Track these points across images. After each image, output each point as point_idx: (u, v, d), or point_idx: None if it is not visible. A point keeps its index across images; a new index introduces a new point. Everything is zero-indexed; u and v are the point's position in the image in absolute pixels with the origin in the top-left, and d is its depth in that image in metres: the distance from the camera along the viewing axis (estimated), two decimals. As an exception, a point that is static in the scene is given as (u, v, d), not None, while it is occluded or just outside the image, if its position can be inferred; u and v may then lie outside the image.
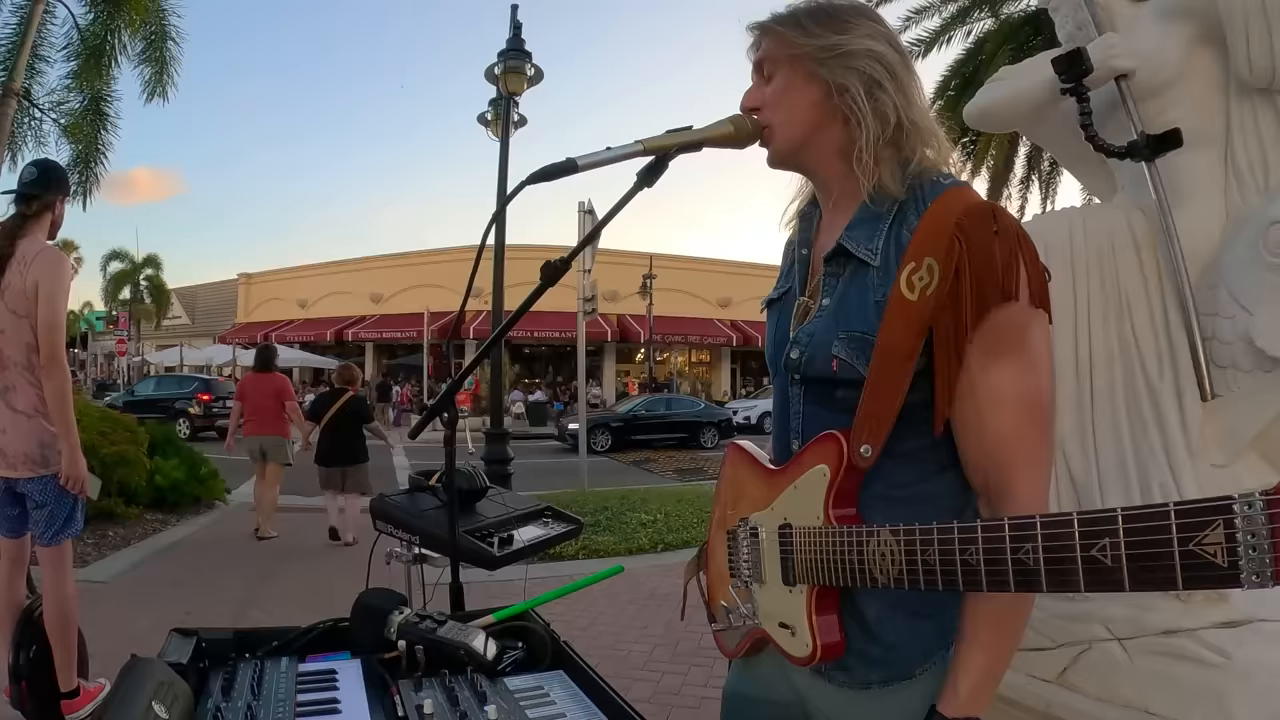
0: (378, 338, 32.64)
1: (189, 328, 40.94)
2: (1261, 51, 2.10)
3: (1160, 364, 2.19)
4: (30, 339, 2.86)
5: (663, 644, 4.54)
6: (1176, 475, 2.10)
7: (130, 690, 1.05)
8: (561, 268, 1.27)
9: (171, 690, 1.12)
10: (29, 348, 2.86)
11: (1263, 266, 2.02)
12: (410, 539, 2.34)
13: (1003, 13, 13.03)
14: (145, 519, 7.50)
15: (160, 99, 11.78)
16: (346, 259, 35.81)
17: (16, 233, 2.93)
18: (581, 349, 12.06)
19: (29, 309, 2.84)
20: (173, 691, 1.12)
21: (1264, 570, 0.65)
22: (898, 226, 1.09)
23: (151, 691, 1.06)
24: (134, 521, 7.31)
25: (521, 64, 8.32)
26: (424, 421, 1.84)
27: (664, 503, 9.02)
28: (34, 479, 2.88)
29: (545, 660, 1.65)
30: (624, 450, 18.96)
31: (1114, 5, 2.42)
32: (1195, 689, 1.91)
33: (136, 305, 38.82)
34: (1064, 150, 2.77)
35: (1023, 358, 1.02)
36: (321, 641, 1.56)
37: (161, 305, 40.84)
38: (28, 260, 2.87)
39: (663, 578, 5.93)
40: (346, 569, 5.98)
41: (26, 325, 2.85)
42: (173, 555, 6.69)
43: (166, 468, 8.02)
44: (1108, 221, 2.31)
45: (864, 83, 1.11)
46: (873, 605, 1.09)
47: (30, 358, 2.87)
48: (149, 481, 7.62)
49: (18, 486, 2.90)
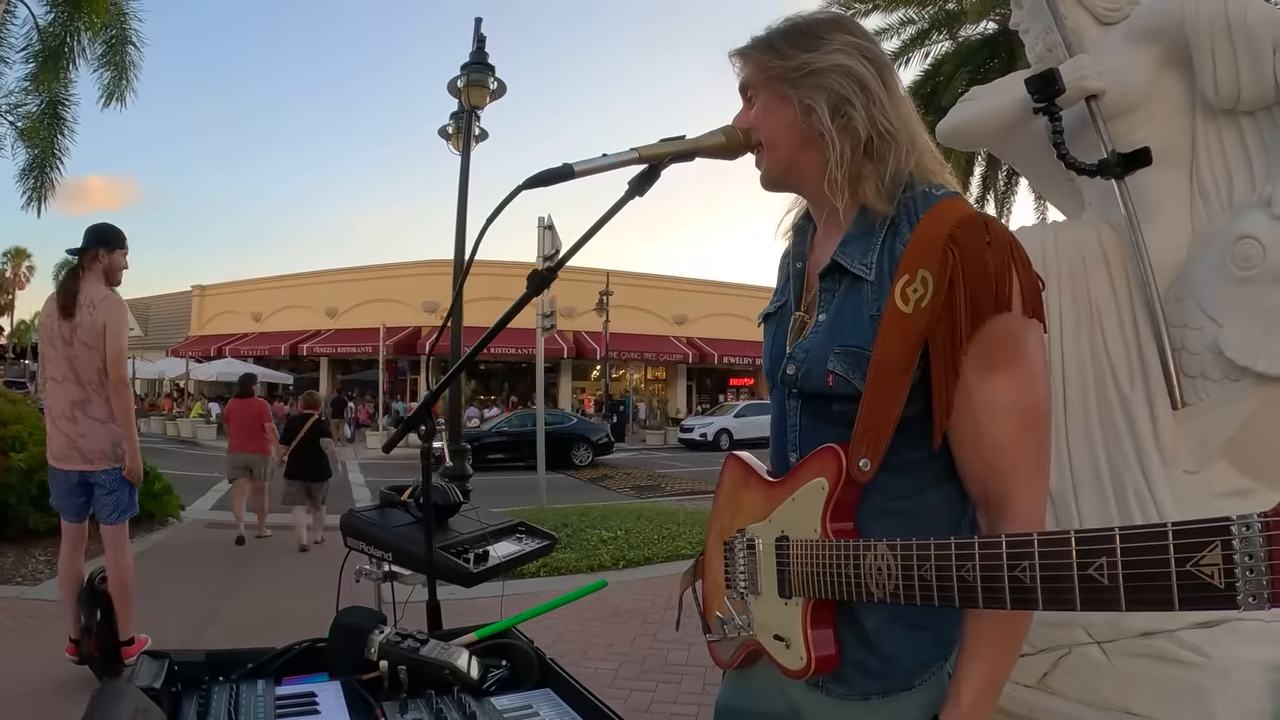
0: (333, 353, 32.04)
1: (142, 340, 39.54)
2: (1227, 74, 2.19)
3: (1131, 374, 2.25)
4: (100, 364, 3.72)
5: (629, 661, 4.49)
6: (1150, 481, 2.15)
7: (104, 717, 0.99)
8: (548, 276, 1.25)
9: (147, 717, 1.06)
10: (99, 371, 3.73)
11: (1230, 280, 2.09)
12: (383, 555, 2.27)
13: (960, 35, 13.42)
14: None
15: (119, 103, 11.51)
16: (302, 272, 35.17)
17: (77, 276, 3.81)
18: (540, 365, 11.99)
19: (98, 342, 3.71)
20: (148, 719, 1.06)
21: (1260, 592, 0.65)
22: (891, 240, 1.08)
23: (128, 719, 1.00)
24: (86, 538, 7.06)
25: (484, 77, 8.28)
26: (400, 434, 1.78)
27: (624, 519, 8.96)
28: (106, 470, 3.77)
29: (532, 678, 1.61)
30: (484, 471, 16.20)
31: (1084, 28, 2.50)
32: (1176, 689, 1.96)
33: (90, 316, 37.58)
34: (1032, 168, 2.84)
35: (1019, 368, 1.02)
36: (298, 663, 1.51)
37: (115, 316, 39.60)
38: (96, 304, 3.73)
39: (626, 594, 5.89)
40: (305, 587, 5.88)
41: (97, 354, 3.71)
42: None
43: None
44: (1078, 237, 2.37)
45: (830, 101, 1.11)
46: (872, 616, 1.08)
47: (100, 378, 3.73)
48: (102, 496, 7.33)
49: (91, 478, 3.77)
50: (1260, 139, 2.22)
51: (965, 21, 13.18)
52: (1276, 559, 0.64)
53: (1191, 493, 2.14)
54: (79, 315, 3.69)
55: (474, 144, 8.73)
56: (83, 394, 3.73)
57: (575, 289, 27.73)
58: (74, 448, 3.74)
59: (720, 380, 37.11)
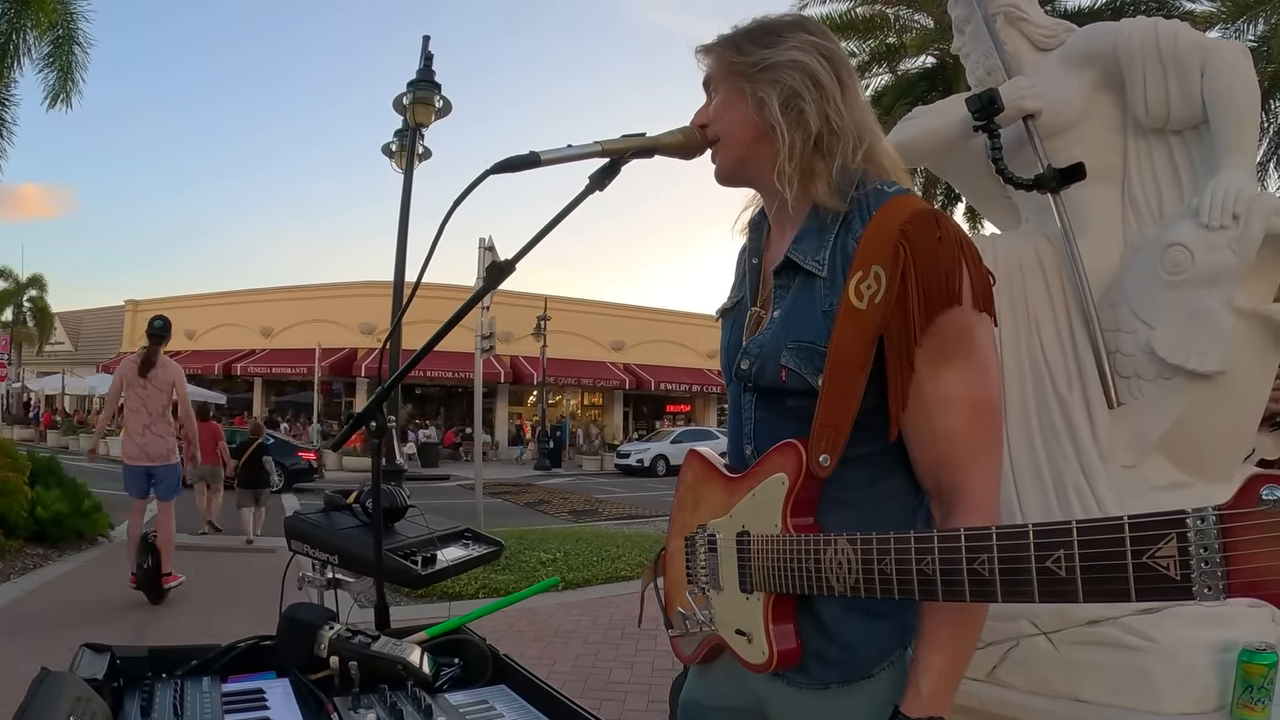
0: (267, 373, 31.01)
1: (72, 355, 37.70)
2: (1157, 96, 2.32)
3: (1068, 376, 2.34)
4: (165, 402, 6.12)
5: (572, 680, 4.44)
6: (1089, 477, 2.24)
7: (44, 704, 0.94)
8: (506, 269, 1.26)
9: (89, 707, 1.01)
10: (163, 406, 6.11)
11: (1161, 285, 2.20)
12: (329, 558, 2.19)
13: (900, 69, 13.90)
14: (25, 552, 7.05)
15: (64, 106, 11.00)
16: (236, 289, 34.15)
17: (154, 350, 6.18)
18: (479, 388, 11.85)
19: (167, 388, 6.14)
20: (90, 709, 1.02)
21: (1216, 584, 0.67)
22: (844, 236, 1.10)
23: (68, 707, 0.95)
24: (13, 554, 6.84)
25: (430, 95, 8.22)
26: (350, 430, 1.74)
27: (562, 542, 8.90)
28: (164, 466, 6.12)
29: (485, 675, 1.58)
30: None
31: (1022, 53, 2.63)
32: (1123, 674, 2.02)
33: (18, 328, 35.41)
34: (970, 185, 2.95)
35: (970, 361, 1.04)
36: (243, 661, 1.45)
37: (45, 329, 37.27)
38: (166, 365, 6.24)
39: (566, 615, 5.85)
40: (242, 608, 5.73)
41: (165, 395, 6.12)
42: (55, 592, 6.28)
43: (48, 499, 7.50)
44: (1016, 247, 2.47)
45: (781, 94, 1.13)
46: (830, 606, 1.09)
47: (162, 410, 6.13)
48: (30, 513, 7.18)
49: (152, 471, 6.06)
50: (1188, 156, 2.36)
51: (905, 55, 13.67)
52: (1231, 550, 0.66)
53: (1130, 486, 2.23)
54: (155, 371, 6.11)
55: (418, 162, 8.64)
56: (150, 420, 6.07)
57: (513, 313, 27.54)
58: (144, 452, 6.03)
59: (657, 406, 37.20)
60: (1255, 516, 0.66)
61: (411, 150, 8.50)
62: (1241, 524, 0.66)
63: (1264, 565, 0.65)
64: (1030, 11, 2.64)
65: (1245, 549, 0.66)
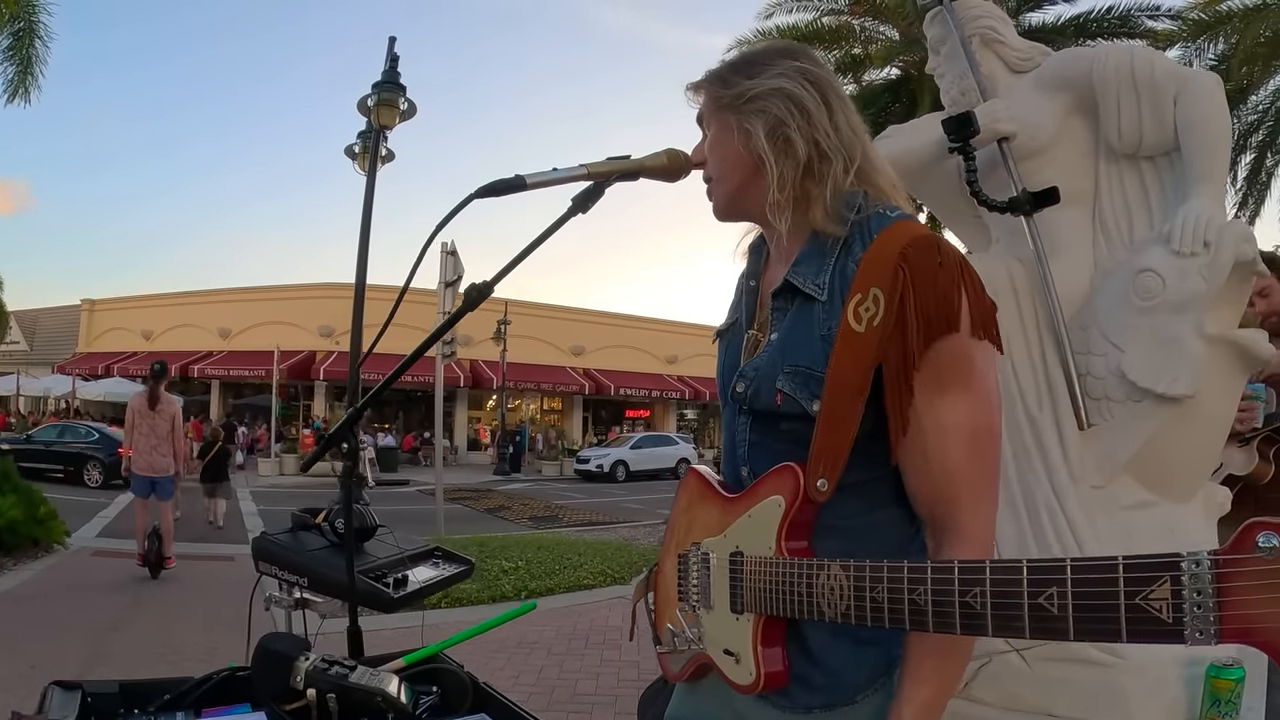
0: (224, 375, 30.34)
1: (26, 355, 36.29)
2: (1130, 122, 2.36)
3: (1039, 398, 2.37)
4: (168, 429, 7.78)
5: (537, 692, 4.41)
6: (1060, 496, 2.27)
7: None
8: (485, 290, 1.25)
9: None
10: (168, 432, 7.78)
11: (1132, 310, 2.24)
12: (297, 580, 2.14)
13: (864, 80, 14.10)
14: None
15: (23, 100, 10.79)
16: (194, 290, 33.25)
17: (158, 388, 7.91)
18: (440, 393, 11.74)
19: (170, 418, 7.81)
20: None
21: (1208, 629, 0.67)
22: (843, 260, 1.10)
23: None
24: (-35, 564, 6.58)
25: (395, 97, 8.11)
26: (320, 451, 1.71)
27: (524, 550, 8.84)
28: (164, 476, 7.74)
29: (465, 703, 1.56)
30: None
31: (997, 75, 2.66)
32: (1095, 689, 2.05)
33: (-29, 327, 34.01)
34: (943, 205, 2.98)
35: (969, 389, 1.03)
36: (217, 693, 1.41)
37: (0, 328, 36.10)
38: (169, 400, 7.96)
39: (529, 625, 5.78)
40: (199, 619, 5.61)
41: (167, 424, 7.78)
42: (9, 603, 6.15)
43: (2, 506, 7.36)
44: (988, 269, 2.49)
45: (767, 123, 1.13)
46: (817, 631, 1.09)
47: (165, 435, 7.77)
48: (-18, 520, 6.94)
49: (155, 480, 7.69)
50: (1159, 181, 2.40)
51: (870, 66, 13.87)
52: (1224, 596, 0.66)
53: (1100, 506, 2.27)
54: (158, 406, 7.75)
55: (381, 164, 8.51)
56: (156, 442, 7.70)
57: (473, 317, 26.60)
58: (151, 466, 7.64)
59: (616, 412, 37.16)
60: (1251, 563, 0.66)
61: (375, 152, 8.37)
62: (1236, 570, 0.66)
63: (1257, 613, 0.65)
64: (1006, 34, 2.67)
65: (1239, 594, 0.66)
